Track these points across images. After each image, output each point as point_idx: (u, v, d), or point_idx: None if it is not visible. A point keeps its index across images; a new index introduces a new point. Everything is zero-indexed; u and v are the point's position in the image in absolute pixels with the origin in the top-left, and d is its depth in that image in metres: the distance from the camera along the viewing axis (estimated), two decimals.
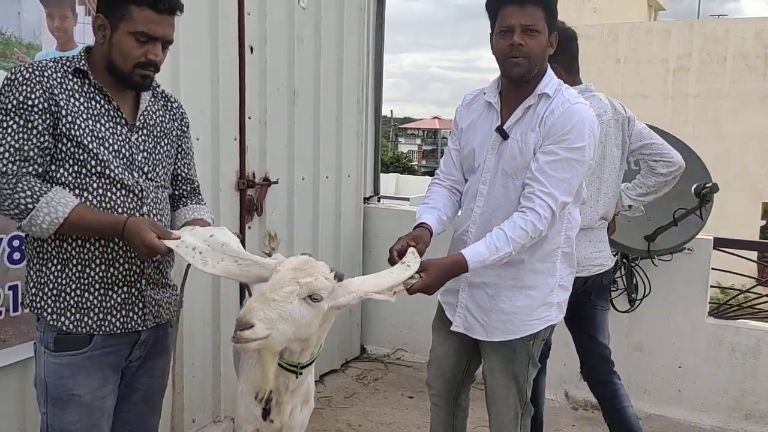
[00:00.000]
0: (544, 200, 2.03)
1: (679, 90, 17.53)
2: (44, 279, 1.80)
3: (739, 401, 3.67)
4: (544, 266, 2.20)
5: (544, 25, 2.07)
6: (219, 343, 3.31)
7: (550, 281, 2.22)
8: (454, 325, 2.31)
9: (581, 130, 2.06)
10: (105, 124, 1.79)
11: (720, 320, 3.77)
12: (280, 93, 3.58)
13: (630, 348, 3.86)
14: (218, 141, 3.17)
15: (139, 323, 1.88)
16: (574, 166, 2.07)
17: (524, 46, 2.05)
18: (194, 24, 2.97)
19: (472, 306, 2.27)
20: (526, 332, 2.21)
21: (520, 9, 2.04)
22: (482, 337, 2.26)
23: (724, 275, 4.02)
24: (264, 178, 3.49)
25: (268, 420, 2.01)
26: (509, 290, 2.20)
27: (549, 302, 2.23)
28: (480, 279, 2.21)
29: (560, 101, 2.09)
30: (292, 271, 1.74)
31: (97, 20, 1.77)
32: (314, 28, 3.81)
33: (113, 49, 1.76)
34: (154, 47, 1.78)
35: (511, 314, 2.20)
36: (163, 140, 1.94)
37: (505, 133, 2.15)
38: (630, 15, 21.90)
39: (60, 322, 1.79)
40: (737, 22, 17.79)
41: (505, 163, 2.15)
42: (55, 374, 1.79)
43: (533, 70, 2.10)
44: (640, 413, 3.81)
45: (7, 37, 2.26)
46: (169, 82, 2.85)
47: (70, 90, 1.74)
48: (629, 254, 3.65)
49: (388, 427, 3.53)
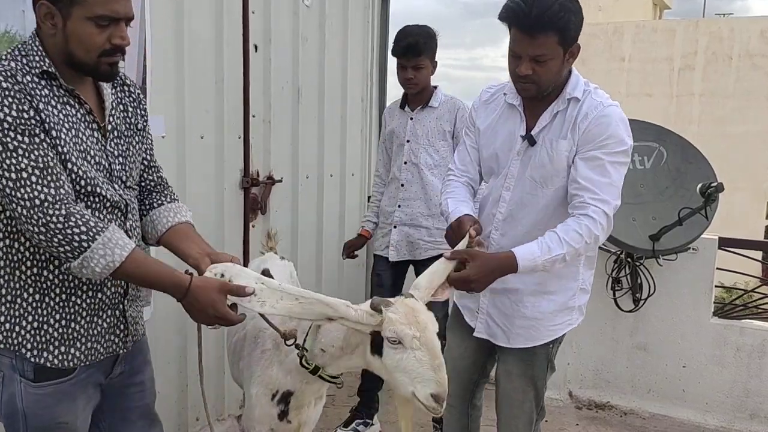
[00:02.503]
0: (597, 206, 1.95)
1: (684, 89, 17.49)
2: (20, 311, 1.57)
3: (744, 401, 3.66)
4: (568, 271, 2.14)
5: (558, 49, 1.93)
6: (222, 342, 3.31)
7: (573, 285, 2.17)
8: (477, 332, 2.26)
9: (621, 133, 1.99)
10: (84, 132, 1.56)
11: (725, 320, 3.75)
12: (284, 92, 3.57)
13: (634, 348, 3.85)
14: (222, 140, 3.17)
15: (120, 345, 1.73)
16: (618, 168, 2.00)
17: (533, 75, 1.95)
18: (198, 22, 2.97)
19: (494, 312, 2.21)
20: (548, 338, 2.17)
21: (529, 38, 1.91)
22: (504, 343, 2.21)
23: (729, 275, 4.01)
24: (268, 177, 3.49)
25: (286, 420, 2.01)
26: (532, 296, 2.14)
27: (571, 306, 2.18)
28: (502, 285, 2.11)
29: (592, 104, 2.00)
30: (431, 323, 1.70)
31: (41, 8, 1.48)
32: (319, 27, 3.80)
33: (71, 39, 1.50)
34: (118, 29, 1.52)
35: (534, 320, 2.15)
36: (134, 138, 1.73)
37: (533, 140, 2.06)
38: (635, 14, 21.84)
39: (42, 357, 1.59)
40: (743, 21, 17.74)
41: (533, 170, 2.07)
42: (37, 404, 1.61)
43: (546, 90, 2.01)
44: (644, 413, 3.82)
45: (12, 35, 2.26)
46: (173, 81, 2.86)
47: (45, 97, 1.49)
48: (634, 254, 3.64)
49: (393, 425, 3.52)
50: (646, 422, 3.75)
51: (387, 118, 3.42)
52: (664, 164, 3.53)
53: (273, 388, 2.00)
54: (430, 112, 3.24)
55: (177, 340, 3.02)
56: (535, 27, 1.88)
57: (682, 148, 3.57)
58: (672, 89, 17.59)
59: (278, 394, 1.99)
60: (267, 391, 2.00)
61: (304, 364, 1.86)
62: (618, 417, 3.80)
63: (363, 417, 3.44)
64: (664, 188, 3.53)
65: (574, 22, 1.91)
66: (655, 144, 3.53)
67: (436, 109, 3.22)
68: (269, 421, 2.02)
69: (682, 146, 3.58)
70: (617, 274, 3.74)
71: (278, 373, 1.99)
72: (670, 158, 3.54)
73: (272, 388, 2.00)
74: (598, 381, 3.90)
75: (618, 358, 3.90)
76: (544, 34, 1.88)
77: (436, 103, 3.23)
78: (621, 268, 3.73)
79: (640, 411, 3.83)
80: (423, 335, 1.65)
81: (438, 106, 3.22)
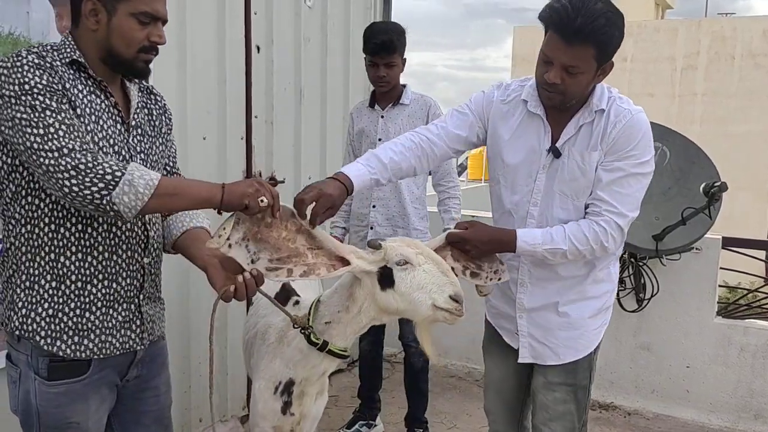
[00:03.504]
0: (611, 218, 1.92)
1: (686, 89, 17.45)
2: (36, 298, 1.61)
3: (748, 401, 3.65)
4: (603, 273, 2.09)
5: (592, 63, 1.82)
6: (226, 343, 3.32)
7: (609, 287, 2.12)
8: (521, 357, 2.14)
9: (646, 143, 1.93)
10: (107, 121, 1.63)
11: (728, 320, 3.75)
12: (286, 92, 3.58)
13: (638, 348, 3.85)
14: (225, 140, 3.18)
15: (137, 342, 1.74)
16: (640, 180, 1.94)
17: (561, 85, 1.85)
18: (201, 23, 2.97)
19: (535, 332, 2.11)
20: (594, 343, 2.09)
21: (566, 46, 1.79)
22: (555, 361, 2.09)
23: (733, 274, 4.00)
24: (270, 178, 3.49)
25: (288, 413, 2.02)
26: (572, 303, 2.07)
27: (607, 306, 2.13)
28: (540, 303, 2.08)
29: (619, 111, 1.92)
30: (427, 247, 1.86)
31: (87, 4, 1.60)
32: (321, 28, 3.81)
33: (113, 34, 1.59)
34: (156, 28, 1.63)
35: (579, 328, 2.07)
36: (158, 140, 1.80)
37: (558, 152, 1.98)
38: (637, 13, 21.80)
39: (56, 346, 1.62)
40: (745, 21, 17.70)
41: (561, 183, 1.99)
42: (49, 403, 1.63)
43: (570, 102, 1.93)
44: (648, 413, 3.81)
45: (16, 37, 2.27)
46: (175, 82, 2.86)
47: (72, 81, 1.58)
48: (637, 254, 3.64)
49: (395, 426, 3.53)
50: (650, 422, 3.74)
51: (355, 117, 3.29)
52: (667, 164, 3.53)
53: (275, 380, 2.02)
54: (402, 109, 3.15)
55: (180, 341, 3.03)
56: (575, 36, 1.77)
57: (685, 148, 3.57)
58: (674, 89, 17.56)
59: (281, 386, 2.01)
60: (270, 384, 2.02)
61: (313, 340, 1.88)
62: (622, 417, 3.79)
63: (366, 418, 3.44)
64: (667, 188, 3.52)
65: (616, 39, 1.82)
66: (658, 144, 3.52)
67: (407, 106, 3.15)
68: (272, 416, 2.03)
69: (685, 146, 3.57)
70: (620, 274, 3.74)
71: (280, 366, 2.01)
72: (673, 158, 3.54)
73: (275, 381, 2.02)
74: (602, 381, 3.89)
75: (622, 358, 3.89)
76: (582, 45, 1.78)
77: (407, 100, 3.15)
78: (624, 268, 3.72)
79: (644, 411, 3.83)
80: (423, 250, 1.80)
81: (409, 104, 3.15)
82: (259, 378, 2.07)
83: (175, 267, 1.80)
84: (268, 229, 1.70)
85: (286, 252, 1.71)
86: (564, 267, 2.04)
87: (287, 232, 1.73)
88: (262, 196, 1.62)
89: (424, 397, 3.36)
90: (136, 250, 1.72)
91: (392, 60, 3.02)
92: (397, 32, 3.04)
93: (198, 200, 1.60)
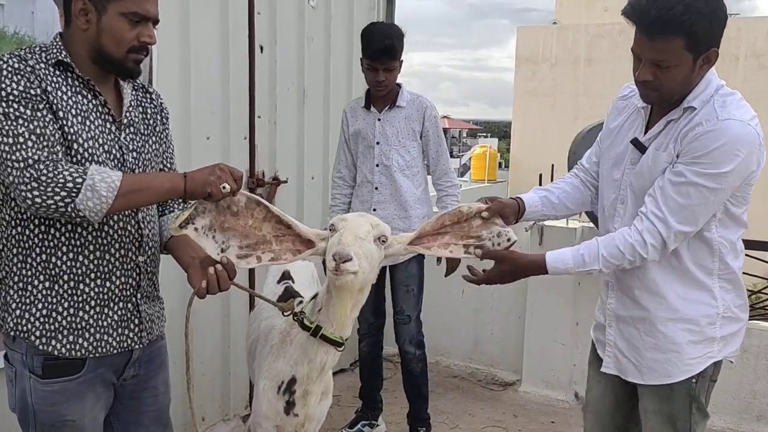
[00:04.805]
0: (654, 226, 1.77)
1: None
2: (30, 299, 1.62)
3: (751, 403, 3.65)
4: (701, 295, 1.88)
5: (685, 55, 1.70)
6: (229, 342, 3.32)
7: (711, 312, 1.89)
8: (605, 366, 2.03)
9: (724, 154, 1.71)
10: (94, 121, 1.63)
11: None
12: (289, 92, 3.58)
13: None
14: (228, 140, 3.18)
15: (135, 341, 1.75)
16: (704, 193, 1.73)
17: (654, 81, 1.74)
18: (204, 23, 2.98)
19: (622, 344, 1.98)
20: (686, 374, 1.89)
21: (648, 41, 1.71)
22: (637, 380, 1.96)
23: None
24: (273, 178, 3.50)
25: (292, 414, 2.02)
26: (663, 324, 1.90)
27: (711, 336, 1.89)
28: (628, 312, 1.95)
29: (707, 115, 1.74)
30: (359, 217, 1.87)
31: (77, 4, 1.60)
32: (324, 28, 3.81)
33: (103, 34, 1.60)
34: (146, 28, 1.63)
35: (669, 352, 1.90)
36: (151, 138, 1.80)
37: (642, 146, 1.85)
38: None
39: (51, 345, 1.62)
40: (749, 21, 17.64)
41: (635, 180, 1.89)
42: (44, 401, 1.64)
43: (670, 99, 1.79)
44: None
45: (21, 37, 2.28)
46: (177, 82, 2.87)
47: (56, 83, 1.58)
48: None
49: (398, 426, 3.53)
50: None
51: (350, 117, 3.24)
52: None
53: (278, 380, 2.02)
54: (398, 112, 3.13)
55: (181, 340, 3.02)
56: (653, 28, 1.68)
57: None
58: None
59: (283, 385, 2.02)
60: (273, 384, 2.03)
61: (306, 324, 1.91)
62: None
63: (368, 418, 3.44)
64: None
65: (705, 25, 1.68)
66: None
67: (404, 108, 3.13)
68: (275, 416, 2.03)
69: None
70: None
71: (283, 365, 2.02)
72: None
73: (278, 380, 2.02)
74: None
75: None
76: (664, 37, 1.68)
77: (403, 102, 3.13)
78: None
79: None
80: (351, 221, 1.83)
81: (405, 106, 3.13)
82: (263, 378, 2.08)
83: (176, 266, 1.81)
84: (234, 218, 1.75)
85: (254, 239, 1.78)
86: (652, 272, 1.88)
87: (253, 221, 1.78)
88: (224, 182, 1.65)
89: (425, 401, 3.37)
90: (130, 249, 1.72)
91: (392, 65, 3.02)
92: (398, 36, 3.03)
93: (162, 192, 1.62)
